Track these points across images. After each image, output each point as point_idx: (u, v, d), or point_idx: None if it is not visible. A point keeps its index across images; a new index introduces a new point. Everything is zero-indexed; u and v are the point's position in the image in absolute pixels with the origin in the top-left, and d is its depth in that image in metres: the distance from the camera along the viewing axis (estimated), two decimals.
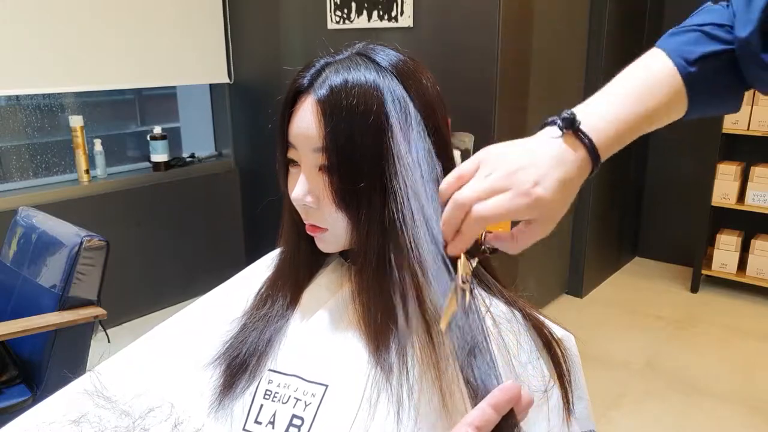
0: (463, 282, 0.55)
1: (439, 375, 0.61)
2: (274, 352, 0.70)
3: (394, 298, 0.64)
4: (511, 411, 0.47)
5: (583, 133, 0.56)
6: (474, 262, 0.58)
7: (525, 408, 0.48)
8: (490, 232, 0.61)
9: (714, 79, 0.60)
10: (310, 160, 0.65)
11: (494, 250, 0.59)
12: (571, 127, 0.56)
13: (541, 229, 0.58)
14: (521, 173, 0.55)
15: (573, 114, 0.56)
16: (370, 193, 0.64)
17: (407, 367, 0.62)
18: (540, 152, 0.56)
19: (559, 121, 0.57)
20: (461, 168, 0.58)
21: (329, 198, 0.65)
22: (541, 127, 0.59)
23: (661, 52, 0.60)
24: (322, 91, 0.63)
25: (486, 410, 0.47)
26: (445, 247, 0.57)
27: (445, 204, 0.58)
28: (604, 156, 0.57)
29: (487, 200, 0.54)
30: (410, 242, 0.62)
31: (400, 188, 0.62)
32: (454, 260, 0.57)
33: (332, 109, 0.62)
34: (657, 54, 0.60)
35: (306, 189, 0.66)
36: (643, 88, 0.58)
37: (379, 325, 0.64)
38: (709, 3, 0.63)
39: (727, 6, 0.61)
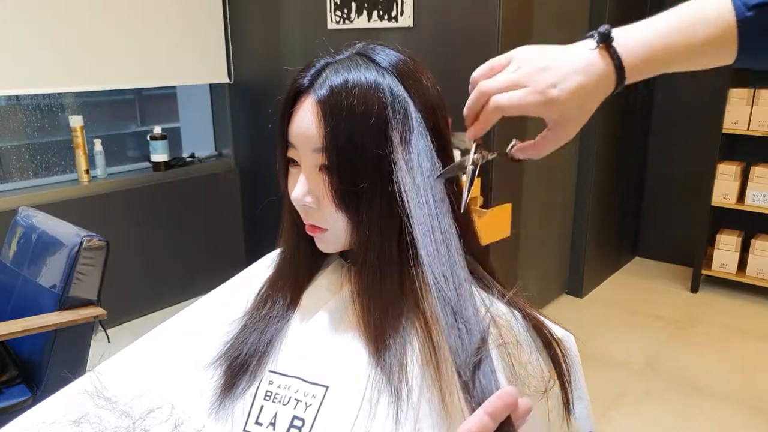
0: (473, 164, 0.62)
1: (438, 375, 0.61)
2: (275, 353, 0.70)
3: (394, 299, 0.64)
4: (508, 418, 0.47)
5: (614, 49, 0.58)
6: (491, 156, 0.64)
7: (522, 415, 0.48)
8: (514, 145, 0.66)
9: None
10: (310, 160, 0.65)
11: (519, 161, 0.66)
12: (605, 41, 0.59)
13: (560, 135, 0.62)
14: (543, 73, 0.59)
15: (609, 30, 0.59)
16: (371, 194, 0.64)
17: (407, 368, 0.62)
18: (569, 58, 0.59)
19: (596, 34, 0.59)
20: (495, 60, 0.64)
21: (329, 198, 0.65)
22: (584, 39, 0.62)
23: None
24: (323, 91, 0.63)
25: (483, 417, 0.47)
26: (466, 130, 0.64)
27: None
28: (632, 77, 0.59)
29: (506, 93, 0.59)
30: (411, 242, 0.62)
31: (401, 189, 0.62)
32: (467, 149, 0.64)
33: (332, 109, 0.62)
34: None
35: (306, 189, 0.66)
36: (692, 20, 0.59)
37: (379, 325, 0.64)
38: None
39: None
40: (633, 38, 0.59)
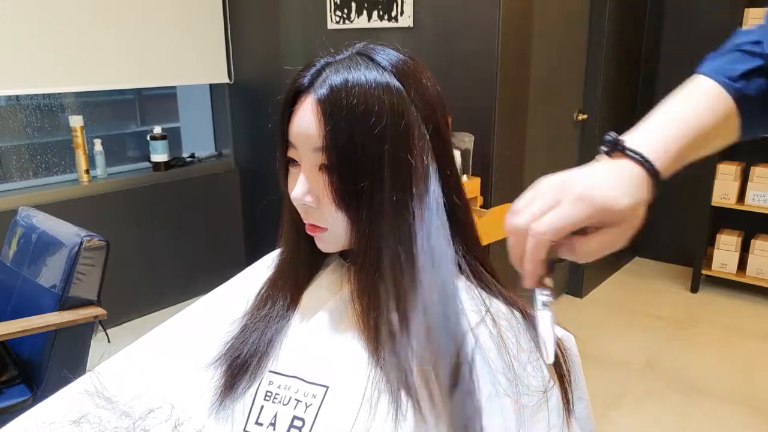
0: (543, 307, 0.57)
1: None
2: (275, 353, 0.70)
3: (392, 299, 0.64)
4: None
5: (631, 150, 0.55)
6: (549, 280, 0.58)
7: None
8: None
9: (761, 93, 0.59)
10: (310, 159, 0.65)
11: (561, 260, 0.58)
12: (614, 148, 0.56)
13: (616, 236, 0.54)
14: (569, 185, 0.54)
15: (616, 137, 0.56)
16: (370, 193, 0.64)
17: (407, 368, 0.62)
18: (588, 171, 0.56)
19: (602, 148, 0.56)
20: (515, 204, 0.58)
21: (329, 198, 0.65)
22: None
23: (703, 77, 0.60)
24: (323, 91, 0.63)
25: None
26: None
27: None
28: (667, 171, 0.57)
29: (542, 217, 0.54)
30: (410, 241, 0.62)
31: (400, 188, 0.62)
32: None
33: (332, 108, 0.62)
34: (700, 79, 0.60)
35: (306, 188, 0.66)
36: (696, 111, 0.58)
37: (379, 325, 0.64)
38: (739, 28, 0.63)
39: (761, 27, 0.61)
40: (648, 141, 0.56)
